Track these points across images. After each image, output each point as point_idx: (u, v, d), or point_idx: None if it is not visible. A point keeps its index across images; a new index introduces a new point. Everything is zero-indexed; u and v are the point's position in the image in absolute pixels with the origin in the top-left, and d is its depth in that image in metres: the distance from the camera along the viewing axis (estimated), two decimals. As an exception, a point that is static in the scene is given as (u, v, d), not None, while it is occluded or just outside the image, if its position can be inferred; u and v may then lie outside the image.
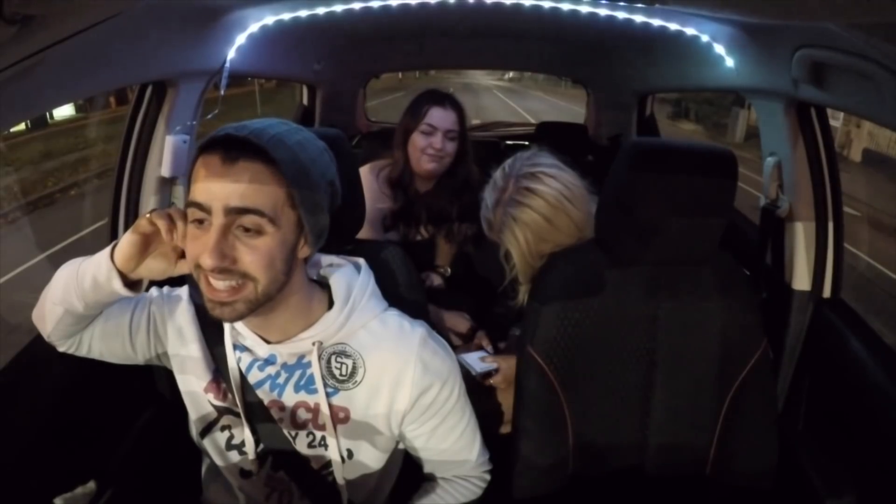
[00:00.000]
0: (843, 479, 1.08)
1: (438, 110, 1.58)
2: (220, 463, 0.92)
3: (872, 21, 0.72)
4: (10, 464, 0.93)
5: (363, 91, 2.79)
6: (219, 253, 0.69)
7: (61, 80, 0.77)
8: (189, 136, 1.28)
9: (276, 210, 0.72)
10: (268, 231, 0.71)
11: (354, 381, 0.85)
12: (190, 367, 0.90)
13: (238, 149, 0.70)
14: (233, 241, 0.71)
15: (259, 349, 0.86)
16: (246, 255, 0.71)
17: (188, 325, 0.90)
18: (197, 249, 0.72)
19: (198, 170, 0.72)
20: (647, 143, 1.11)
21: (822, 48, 0.92)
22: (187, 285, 0.93)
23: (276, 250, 0.73)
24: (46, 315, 0.85)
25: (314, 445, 0.88)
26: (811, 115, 1.27)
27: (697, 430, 1.12)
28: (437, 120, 1.58)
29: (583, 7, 1.27)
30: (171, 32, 1.01)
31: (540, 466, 1.08)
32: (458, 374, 0.90)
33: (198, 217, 0.72)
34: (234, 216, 0.70)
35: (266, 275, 0.73)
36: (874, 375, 1.11)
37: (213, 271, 0.71)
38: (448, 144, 1.60)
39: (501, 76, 30.78)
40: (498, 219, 1.17)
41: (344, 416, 0.86)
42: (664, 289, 1.10)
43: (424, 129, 1.58)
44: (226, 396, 0.89)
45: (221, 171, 0.69)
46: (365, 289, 0.89)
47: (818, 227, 1.30)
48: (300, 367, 0.86)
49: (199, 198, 0.71)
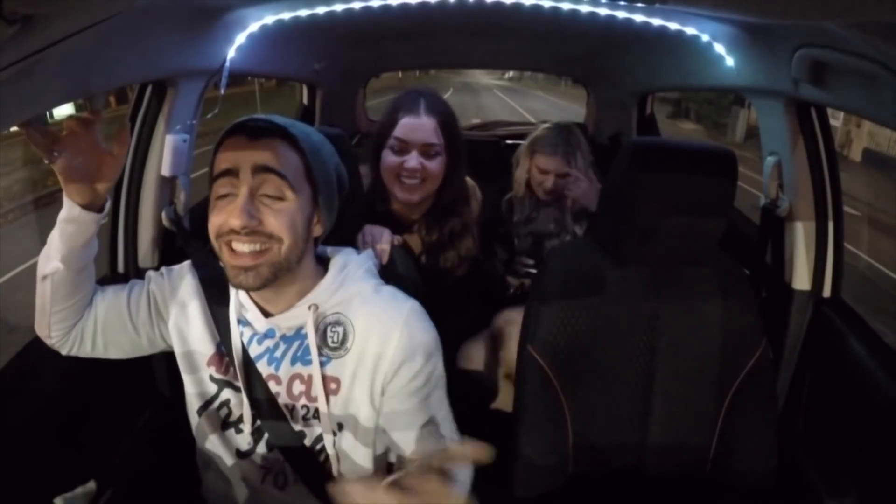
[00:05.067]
0: (843, 478, 1.08)
1: (410, 119, 1.20)
2: (217, 444, 0.93)
3: (873, 21, 0.72)
4: (10, 463, 0.93)
5: (363, 90, 2.79)
6: (247, 213, 0.76)
7: (61, 79, 0.77)
8: (189, 135, 1.28)
9: (297, 178, 0.80)
10: (289, 196, 0.79)
11: (345, 347, 0.87)
12: (193, 340, 0.92)
13: (261, 129, 0.79)
14: (258, 205, 0.78)
15: (258, 323, 0.88)
16: (270, 216, 0.78)
17: (191, 299, 0.93)
18: (222, 217, 0.78)
19: (221, 151, 0.80)
20: (648, 143, 1.11)
21: (823, 48, 0.92)
22: (188, 261, 0.96)
23: (296, 214, 0.80)
24: (39, 307, 0.88)
25: (307, 418, 0.89)
26: (811, 115, 1.27)
27: (697, 430, 1.12)
28: (408, 131, 1.20)
29: (583, 6, 1.27)
30: (171, 32, 1.01)
31: (540, 466, 1.08)
32: (440, 356, 0.90)
33: (223, 192, 0.79)
34: (261, 177, 0.77)
35: (289, 235, 0.79)
36: (874, 375, 1.11)
37: (240, 232, 0.76)
38: (429, 163, 1.22)
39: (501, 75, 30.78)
40: None
41: (335, 386, 0.87)
42: (664, 288, 1.10)
43: (393, 144, 1.22)
44: (227, 370, 0.91)
45: (248, 144, 0.78)
46: (361, 264, 0.93)
47: (818, 227, 1.30)
48: (298, 339, 0.88)
49: (226, 165, 0.78)
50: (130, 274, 1.27)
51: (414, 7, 1.32)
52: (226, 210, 0.78)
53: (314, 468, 0.91)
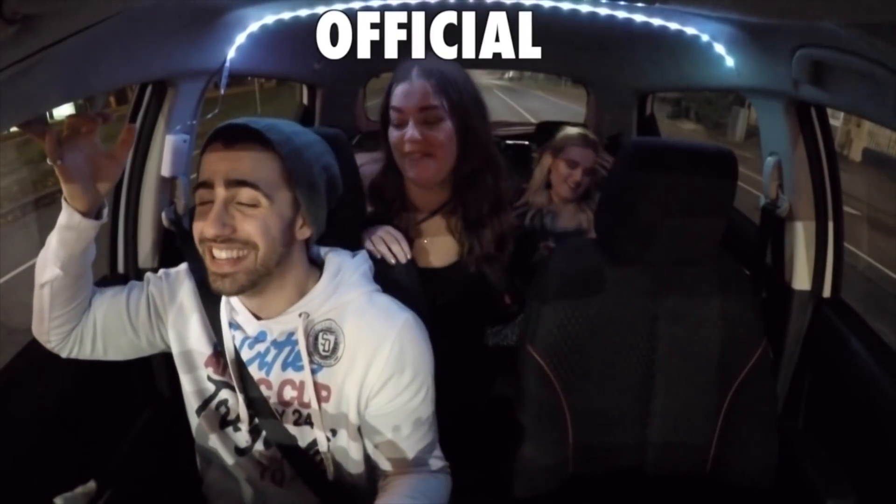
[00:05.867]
0: (842, 478, 1.08)
1: (403, 86, 1.07)
2: (217, 442, 0.94)
3: (873, 20, 0.72)
4: (10, 463, 0.93)
5: (363, 90, 2.79)
6: (219, 222, 0.77)
7: (61, 79, 0.77)
8: (189, 135, 1.29)
9: (271, 185, 0.79)
10: (263, 204, 0.78)
11: (336, 356, 0.86)
12: (191, 341, 0.92)
13: (237, 135, 0.79)
14: (232, 212, 0.78)
15: (249, 327, 0.88)
16: (243, 223, 0.78)
17: (188, 301, 0.93)
18: (200, 225, 0.79)
19: (204, 158, 0.80)
20: (648, 143, 1.11)
21: (823, 48, 0.92)
22: (186, 263, 0.97)
23: (270, 220, 0.79)
24: (37, 312, 0.88)
25: (300, 423, 0.90)
26: (811, 115, 1.27)
27: (697, 430, 1.12)
28: (402, 98, 1.06)
29: (583, 6, 1.27)
30: (171, 32, 1.01)
31: (540, 466, 1.09)
32: (431, 373, 0.89)
33: (203, 199, 0.80)
34: (234, 189, 0.77)
35: (264, 242, 0.79)
36: (874, 375, 1.12)
37: (215, 240, 0.77)
38: (432, 132, 1.06)
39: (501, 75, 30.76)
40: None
41: (326, 394, 0.87)
42: (664, 288, 1.10)
43: (392, 117, 1.09)
44: (224, 370, 0.91)
45: (223, 152, 0.79)
46: (356, 268, 0.92)
47: (818, 227, 1.30)
48: (289, 344, 0.88)
49: (203, 177, 0.80)
50: (130, 274, 1.27)
51: (414, 6, 1.32)
52: (204, 217, 0.79)
53: (310, 467, 0.92)
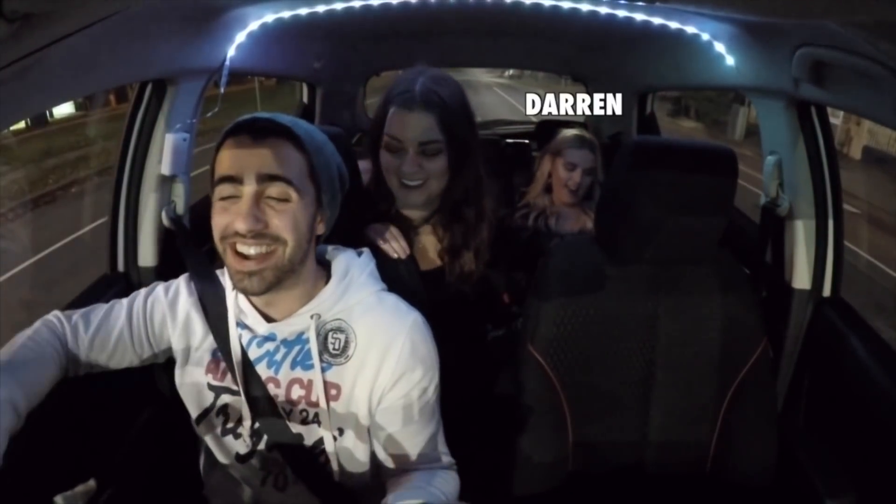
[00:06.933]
0: (842, 478, 1.08)
1: (402, 114, 1.05)
2: (217, 449, 0.93)
3: (873, 20, 0.72)
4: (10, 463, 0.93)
5: (363, 89, 2.78)
6: (253, 217, 0.76)
7: (61, 78, 0.77)
8: (189, 133, 1.28)
9: (301, 180, 0.79)
10: (293, 198, 0.78)
11: (346, 355, 0.87)
12: (193, 348, 0.92)
13: (264, 129, 0.78)
14: (263, 207, 0.77)
15: (259, 327, 0.88)
16: (275, 218, 0.77)
17: (188, 308, 0.92)
18: (226, 220, 0.77)
19: (224, 151, 0.79)
20: (648, 142, 1.11)
21: (823, 47, 0.92)
22: (183, 276, 0.96)
23: (300, 215, 0.79)
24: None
25: (307, 422, 0.89)
26: (811, 114, 1.26)
27: (697, 429, 1.13)
28: (401, 128, 1.05)
29: (583, 5, 1.27)
30: (171, 30, 1.01)
31: (540, 464, 1.09)
32: (437, 369, 0.90)
33: (226, 194, 0.78)
34: (266, 184, 0.77)
35: (293, 237, 0.79)
36: (874, 374, 1.12)
37: (245, 235, 0.76)
38: (430, 163, 1.07)
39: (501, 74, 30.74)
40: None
41: (336, 392, 0.87)
42: (664, 287, 1.10)
43: (387, 141, 1.08)
44: (224, 376, 0.90)
45: (252, 146, 0.77)
46: (363, 268, 0.92)
47: (818, 226, 1.30)
48: (299, 343, 0.88)
49: (230, 171, 0.77)
50: (130, 272, 1.27)
51: (414, 5, 1.32)
52: (230, 212, 0.77)
53: (313, 468, 0.91)
